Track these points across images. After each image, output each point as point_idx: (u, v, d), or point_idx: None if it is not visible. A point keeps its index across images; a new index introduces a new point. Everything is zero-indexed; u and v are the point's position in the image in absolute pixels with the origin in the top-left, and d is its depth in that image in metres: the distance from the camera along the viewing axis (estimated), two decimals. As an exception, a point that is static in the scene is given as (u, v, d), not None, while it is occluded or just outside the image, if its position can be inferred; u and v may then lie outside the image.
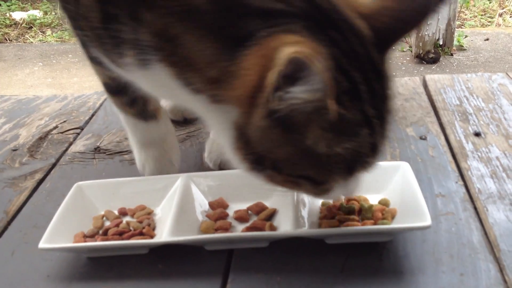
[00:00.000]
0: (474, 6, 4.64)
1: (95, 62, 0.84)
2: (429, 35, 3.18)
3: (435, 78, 1.30)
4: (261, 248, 0.80)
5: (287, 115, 0.60)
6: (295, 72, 0.56)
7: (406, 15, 0.66)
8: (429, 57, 3.21)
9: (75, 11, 0.76)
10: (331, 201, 0.84)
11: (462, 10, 4.38)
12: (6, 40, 4.86)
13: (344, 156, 0.64)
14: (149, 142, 0.97)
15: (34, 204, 0.96)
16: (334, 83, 0.59)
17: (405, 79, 1.32)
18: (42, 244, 0.77)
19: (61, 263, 0.81)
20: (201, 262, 0.79)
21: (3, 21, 5.23)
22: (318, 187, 0.70)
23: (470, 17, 4.36)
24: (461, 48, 3.46)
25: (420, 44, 3.20)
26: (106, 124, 1.21)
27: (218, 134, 0.75)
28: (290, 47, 0.56)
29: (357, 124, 0.64)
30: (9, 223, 0.91)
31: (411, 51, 3.32)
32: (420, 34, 3.21)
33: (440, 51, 3.24)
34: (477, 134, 1.05)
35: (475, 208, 0.86)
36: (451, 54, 3.32)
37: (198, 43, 0.64)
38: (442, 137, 1.06)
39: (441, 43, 3.24)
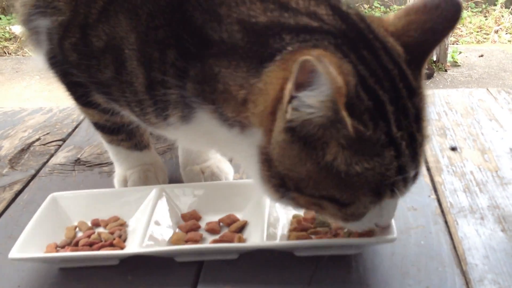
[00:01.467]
0: (470, 23, 4.67)
1: (88, 106, 0.87)
2: (423, 51, 3.20)
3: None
4: (231, 260, 0.80)
5: (303, 127, 0.61)
6: (306, 78, 0.57)
7: (431, 25, 0.67)
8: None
9: (112, 76, 0.77)
10: (301, 214, 0.85)
11: (458, 27, 4.41)
12: (5, 53, 4.90)
13: (366, 176, 0.63)
14: (139, 165, 0.99)
15: (11, 215, 0.96)
16: (357, 100, 0.60)
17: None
18: (12, 254, 0.78)
19: (33, 273, 0.81)
20: (171, 273, 0.79)
21: (3, 35, 5.27)
22: (343, 209, 0.68)
23: (466, 33, 4.39)
24: (455, 64, 3.47)
25: (414, 60, 3.21)
26: (89, 136, 1.22)
27: (247, 166, 0.75)
28: (305, 56, 0.56)
29: (380, 144, 0.62)
30: (-15, 234, 0.92)
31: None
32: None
33: (434, 67, 3.25)
34: (453, 149, 1.06)
35: (446, 222, 0.86)
36: (445, 70, 3.33)
37: (233, 71, 0.67)
38: (419, 151, 1.06)
39: (434, 59, 3.26)
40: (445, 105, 1.24)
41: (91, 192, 0.93)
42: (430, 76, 3.24)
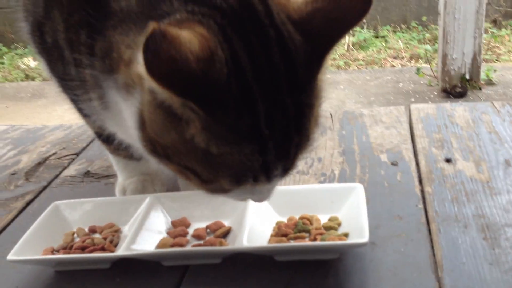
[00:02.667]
0: (510, 41, 4.60)
1: (84, 115, 0.93)
2: (455, 69, 3.17)
3: (420, 107, 1.32)
4: (215, 264, 0.84)
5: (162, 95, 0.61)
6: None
7: (338, 14, 0.64)
8: (456, 91, 3.20)
9: (62, 70, 0.84)
10: (285, 220, 0.88)
11: (496, 45, 4.35)
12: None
13: (225, 161, 0.64)
14: (137, 174, 1.04)
15: (19, 223, 1.02)
16: (223, 87, 0.59)
17: (390, 108, 1.35)
18: (10, 256, 0.83)
19: (31, 275, 0.87)
20: (157, 277, 0.83)
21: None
22: (205, 185, 0.69)
23: (505, 52, 4.32)
24: (490, 83, 3.43)
25: (446, 78, 3.19)
26: (100, 150, 1.27)
27: (133, 135, 0.72)
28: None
29: (241, 135, 0.62)
30: (-7, 239, 0.98)
31: (438, 85, 3.32)
32: (445, 69, 3.20)
33: (467, 85, 3.22)
34: (448, 160, 1.06)
35: (429, 230, 0.88)
36: (480, 89, 3.30)
37: (125, 35, 0.68)
38: (413, 163, 1.08)
39: (467, 77, 3.23)
40: (447, 118, 1.25)
41: (91, 200, 0.98)
42: (463, 94, 3.21)
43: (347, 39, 4.20)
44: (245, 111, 0.62)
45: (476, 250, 0.82)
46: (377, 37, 4.45)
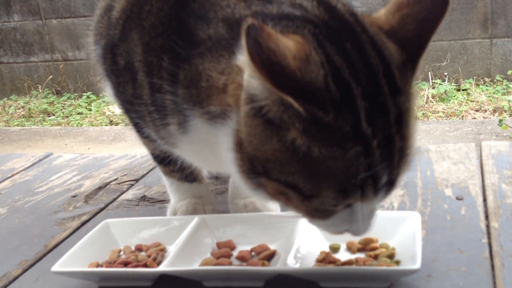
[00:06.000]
0: None
1: (145, 137, 0.95)
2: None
3: (491, 144, 1.24)
4: (257, 287, 0.80)
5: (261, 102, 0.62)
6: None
7: (425, 14, 0.66)
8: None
9: (132, 93, 0.86)
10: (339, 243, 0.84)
11: None
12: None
13: (328, 166, 0.62)
14: (189, 196, 1.03)
15: (73, 241, 1.03)
16: (322, 88, 0.60)
17: (459, 144, 1.27)
18: (54, 268, 0.83)
19: (74, 289, 0.86)
20: (198, 297, 0.81)
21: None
22: (306, 202, 0.66)
23: None
24: None
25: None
26: (159, 177, 1.28)
27: (228, 160, 0.72)
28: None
29: (342, 134, 0.61)
30: (45, 254, 0.99)
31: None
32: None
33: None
34: (519, 196, 0.99)
35: (492, 265, 0.80)
36: None
37: (216, 62, 0.70)
38: (480, 198, 1.01)
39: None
40: (522, 155, 1.17)
41: (140, 219, 0.98)
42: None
43: (427, 91, 4.11)
44: (345, 110, 0.61)
45: (545, 288, 0.74)
46: (459, 90, 4.33)
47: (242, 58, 0.60)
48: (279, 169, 0.65)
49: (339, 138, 0.61)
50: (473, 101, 4.05)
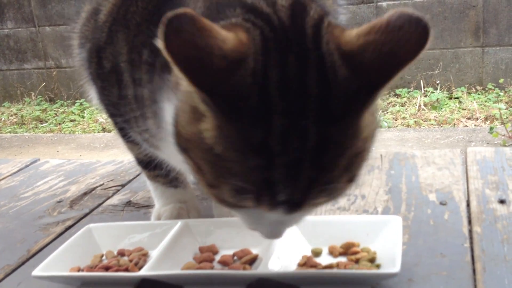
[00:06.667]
0: None
1: (130, 142, 0.96)
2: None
3: (477, 150, 1.25)
4: (238, 292, 0.80)
5: None
6: None
7: (391, 47, 0.59)
8: (533, 153, 3.04)
9: (117, 95, 0.86)
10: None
11: None
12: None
13: (230, 169, 0.62)
14: (174, 201, 1.03)
15: (56, 246, 1.01)
16: (244, 94, 0.58)
17: (445, 150, 1.28)
18: (35, 272, 0.83)
19: (56, 294, 0.86)
20: (179, 301, 0.80)
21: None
22: (211, 189, 0.66)
23: None
24: None
25: (522, 139, 3.05)
26: (145, 183, 1.28)
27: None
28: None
29: (249, 144, 0.60)
30: (28, 259, 0.98)
31: (514, 147, 3.17)
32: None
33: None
34: (502, 202, 0.99)
35: (474, 270, 0.80)
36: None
37: None
38: (464, 203, 1.01)
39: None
40: (505, 162, 1.17)
41: (123, 224, 0.97)
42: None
43: (419, 99, 4.12)
44: (259, 123, 0.59)
45: (525, 292, 0.74)
46: (450, 98, 4.34)
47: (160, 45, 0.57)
48: (193, 151, 0.65)
49: (245, 147, 0.60)
50: (465, 109, 4.07)
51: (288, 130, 0.59)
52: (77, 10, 4.67)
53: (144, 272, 0.80)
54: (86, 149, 4.00)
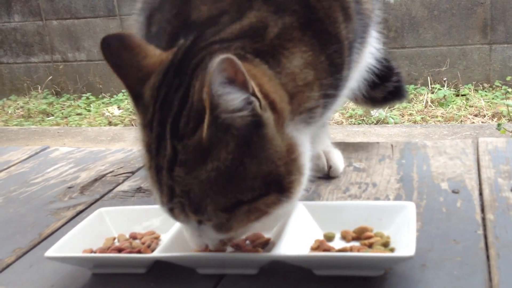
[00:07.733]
0: None
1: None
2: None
3: (488, 140, 1.24)
4: (251, 275, 0.80)
5: None
6: None
7: None
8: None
9: None
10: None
11: None
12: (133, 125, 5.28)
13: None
14: None
15: (68, 230, 1.01)
16: (142, 104, 0.76)
17: (456, 140, 1.27)
18: (48, 253, 0.83)
19: (67, 276, 0.86)
20: (191, 284, 0.80)
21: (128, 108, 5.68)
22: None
23: None
24: None
25: (530, 136, 3.03)
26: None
27: None
28: None
29: (144, 147, 0.75)
30: (39, 242, 0.99)
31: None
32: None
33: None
34: (514, 190, 0.98)
35: (488, 256, 0.80)
36: None
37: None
38: (476, 192, 1.00)
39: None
40: (518, 152, 1.17)
41: (135, 208, 0.97)
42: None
43: (426, 96, 4.11)
44: (148, 127, 0.74)
45: (539, 277, 0.73)
46: (458, 95, 4.33)
47: None
48: None
49: (143, 148, 0.76)
50: (472, 106, 4.05)
51: (158, 138, 0.72)
52: (84, 4, 4.66)
53: (157, 253, 0.80)
54: (93, 142, 4.00)
